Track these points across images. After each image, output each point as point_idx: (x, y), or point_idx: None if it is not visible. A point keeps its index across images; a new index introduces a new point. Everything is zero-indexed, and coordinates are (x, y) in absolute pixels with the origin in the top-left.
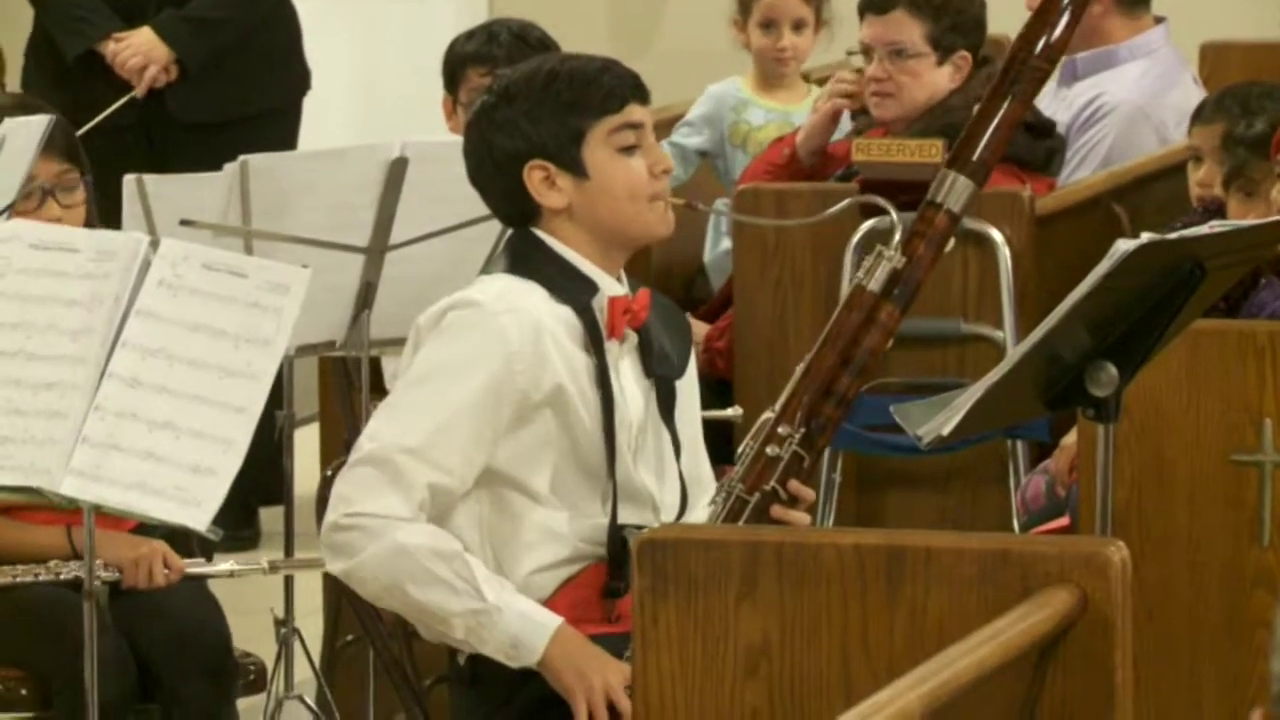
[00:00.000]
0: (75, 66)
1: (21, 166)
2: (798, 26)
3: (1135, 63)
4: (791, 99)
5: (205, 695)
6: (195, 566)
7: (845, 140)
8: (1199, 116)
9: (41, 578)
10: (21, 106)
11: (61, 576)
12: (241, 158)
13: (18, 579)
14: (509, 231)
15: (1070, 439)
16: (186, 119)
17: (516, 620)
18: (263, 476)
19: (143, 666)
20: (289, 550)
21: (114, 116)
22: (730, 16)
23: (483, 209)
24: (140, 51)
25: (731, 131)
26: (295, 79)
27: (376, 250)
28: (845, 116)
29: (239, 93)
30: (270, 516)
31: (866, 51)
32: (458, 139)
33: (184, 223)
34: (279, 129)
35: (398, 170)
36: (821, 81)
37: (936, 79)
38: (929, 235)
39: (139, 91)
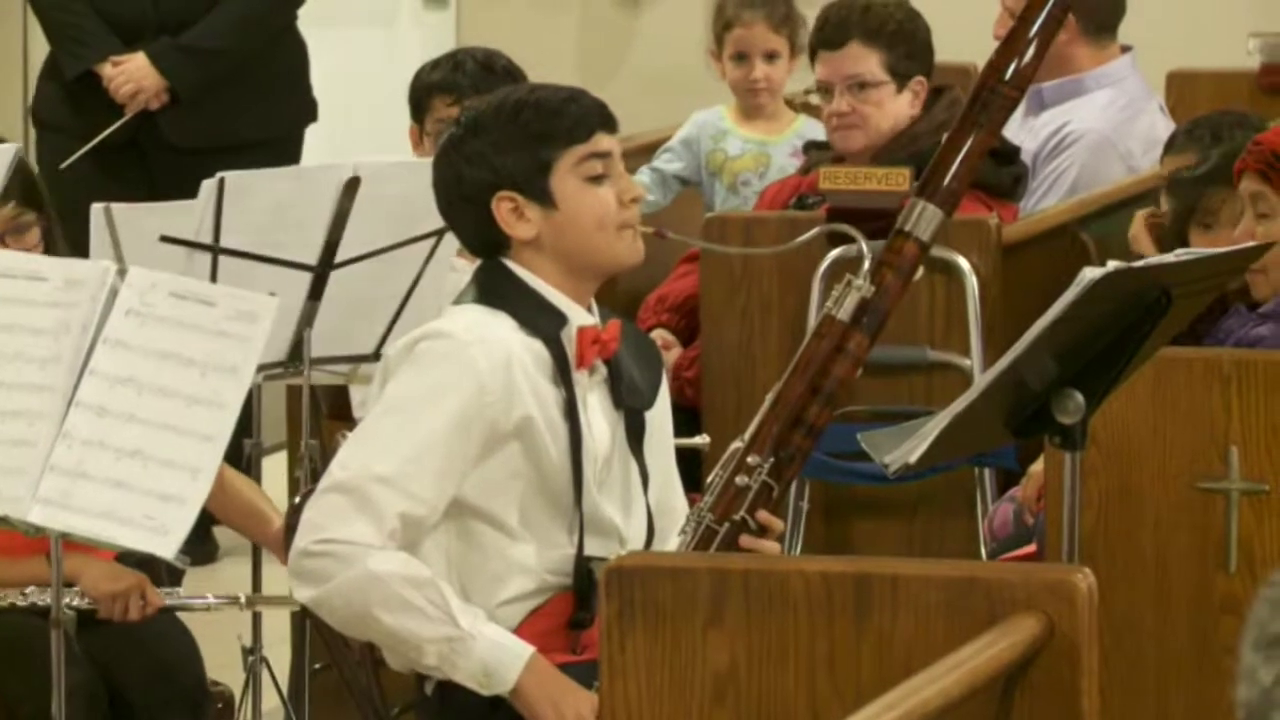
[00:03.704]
0: (77, 84)
1: None
2: (770, 57)
3: (1102, 91)
4: (771, 130)
5: None
6: (172, 599)
7: (797, 175)
8: (1171, 147)
9: (6, 602)
10: None
11: (27, 603)
12: (219, 174)
13: None
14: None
15: (1037, 467)
16: (179, 143)
17: (489, 648)
18: None
19: (118, 699)
20: (257, 578)
21: (108, 137)
22: (706, 47)
23: (416, 230)
24: (133, 79)
25: (709, 159)
26: (296, 110)
27: (322, 268)
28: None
29: (232, 120)
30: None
31: (826, 89)
32: (412, 160)
33: (164, 239)
34: (272, 158)
35: (350, 190)
36: (806, 108)
37: (898, 107)
38: (898, 264)
39: (127, 117)
